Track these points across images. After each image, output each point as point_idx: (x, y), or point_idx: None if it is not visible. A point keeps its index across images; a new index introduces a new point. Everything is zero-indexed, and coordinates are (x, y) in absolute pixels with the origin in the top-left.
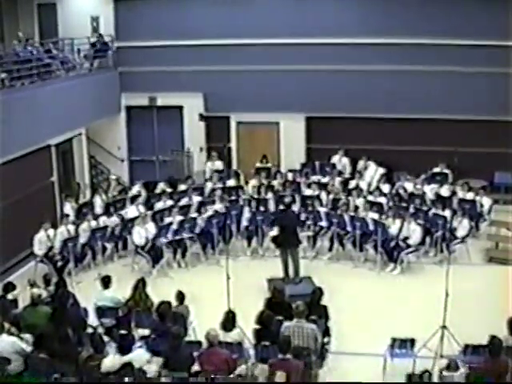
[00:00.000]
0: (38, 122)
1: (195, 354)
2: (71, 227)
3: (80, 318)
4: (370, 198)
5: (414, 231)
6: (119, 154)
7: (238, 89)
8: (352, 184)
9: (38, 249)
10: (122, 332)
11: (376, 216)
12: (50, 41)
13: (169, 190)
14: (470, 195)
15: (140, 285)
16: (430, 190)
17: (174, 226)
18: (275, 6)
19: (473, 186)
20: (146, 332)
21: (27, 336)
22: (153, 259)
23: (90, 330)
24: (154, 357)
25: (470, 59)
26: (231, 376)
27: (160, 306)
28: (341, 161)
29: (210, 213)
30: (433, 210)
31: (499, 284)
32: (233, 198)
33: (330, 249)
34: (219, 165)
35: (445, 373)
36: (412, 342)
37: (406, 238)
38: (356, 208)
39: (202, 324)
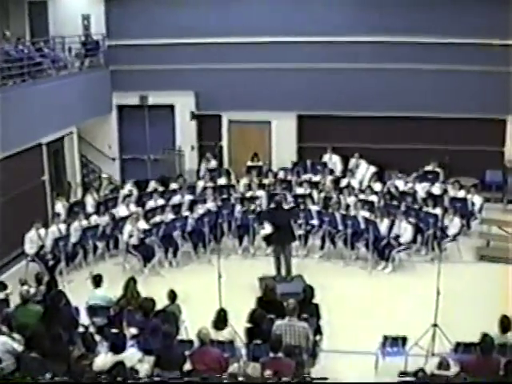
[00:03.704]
0: (29, 120)
1: (187, 352)
2: (62, 226)
3: (71, 317)
4: (362, 196)
5: (405, 229)
6: (110, 153)
7: (229, 87)
8: (343, 182)
9: (29, 248)
10: (114, 331)
11: (367, 214)
12: (41, 39)
13: (160, 188)
14: (461, 193)
15: (131, 283)
16: (421, 189)
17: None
18: (267, 4)
19: (464, 184)
20: (136, 331)
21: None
22: (144, 258)
23: (81, 329)
24: (146, 356)
25: (461, 57)
26: (223, 375)
27: (142, 302)
28: (331, 159)
29: (201, 211)
30: (424, 209)
31: (490, 282)
32: (224, 196)
33: (322, 247)
34: (213, 164)
35: (436, 372)
36: (404, 340)
37: (397, 237)
38: (347, 206)
39: (194, 323)
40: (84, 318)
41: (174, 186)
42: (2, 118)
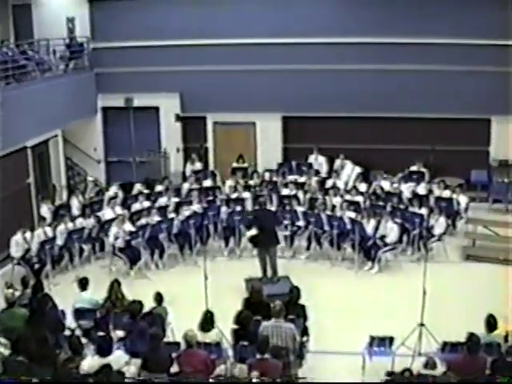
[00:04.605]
0: (14, 123)
1: (174, 355)
2: (48, 229)
3: (58, 320)
4: (347, 197)
5: (391, 230)
6: (96, 156)
7: (214, 89)
8: (329, 183)
9: (15, 251)
10: (101, 334)
11: (353, 215)
12: (26, 42)
13: (146, 190)
14: (446, 193)
15: (115, 285)
16: (406, 189)
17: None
18: (251, 6)
19: (449, 184)
20: (123, 333)
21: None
22: (130, 260)
23: (67, 333)
24: (133, 358)
25: (446, 57)
26: (210, 376)
27: (130, 305)
28: (317, 159)
29: (187, 213)
30: (410, 209)
31: (476, 281)
32: (210, 198)
33: (308, 248)
34: (198, 166)
35: (423, 371)
36: (390, 340)
37: (383, 237)
38: (333, 207)
39: (181, 325)
40: (70, 321)
41: (159, 188)
42: None
